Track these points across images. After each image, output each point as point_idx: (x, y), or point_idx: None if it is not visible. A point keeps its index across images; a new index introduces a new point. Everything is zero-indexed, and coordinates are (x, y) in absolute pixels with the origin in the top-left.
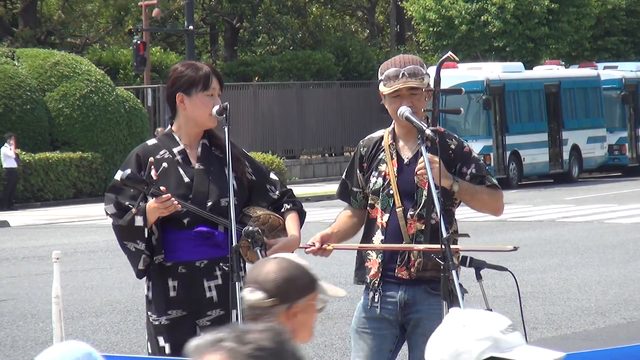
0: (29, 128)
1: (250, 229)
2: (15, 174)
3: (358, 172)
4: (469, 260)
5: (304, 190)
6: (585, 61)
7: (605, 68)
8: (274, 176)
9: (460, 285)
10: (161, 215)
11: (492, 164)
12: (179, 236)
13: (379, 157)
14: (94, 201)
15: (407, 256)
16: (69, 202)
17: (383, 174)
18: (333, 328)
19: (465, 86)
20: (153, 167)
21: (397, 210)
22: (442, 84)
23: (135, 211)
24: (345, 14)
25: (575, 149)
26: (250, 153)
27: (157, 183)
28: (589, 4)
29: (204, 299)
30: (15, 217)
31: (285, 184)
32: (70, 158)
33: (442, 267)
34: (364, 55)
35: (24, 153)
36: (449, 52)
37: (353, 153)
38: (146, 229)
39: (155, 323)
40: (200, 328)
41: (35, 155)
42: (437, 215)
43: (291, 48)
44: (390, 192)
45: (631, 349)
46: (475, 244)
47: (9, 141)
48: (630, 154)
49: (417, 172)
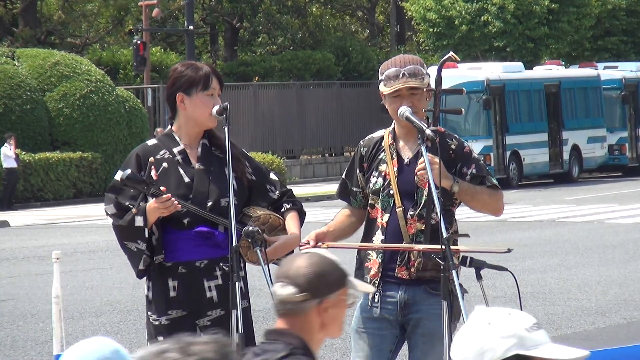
0: (29, 128)
1: (251, 229)
2: (15, 174)
3: (358, 172)
4: (469, 260)
5: (304, 190)
6: (586, 61)
7: (605, 68)
8: (273, 176)
9: (461, 285)
10: (161, 215)
11: (492, 164)
12: (179, 236)
13: (379, 157)
14: (94, 201)
15: (407, 256)
16: (69, 202)
17: (383, 174)
18: None
19: (465, 86)
20: (153, 167)
21: (397, 210)
22: (443, 84)
23: (135, 211)
24: (345, 14)
25: (575, 149)
26: (250, 153)
27: (157, 183)
28: (589, 4)
29: (204, 299)
30: (15, 217)
31: (285, 184)
32: (70, 158)
33: (442, 267)
34: (364, 55)
35: (24, 153)
36: (450, 53)
37: (353, 153)
38: (146, 229)
39: (156, 323)
40: (201, 328)
41: (35, 155)
42: (437, 215)
43: (291, 48)
44: (391, 192)
45: (631, 349)
46: (468, 245)
47: (9, 141)
48: (631, 154)
49: (417, 173)
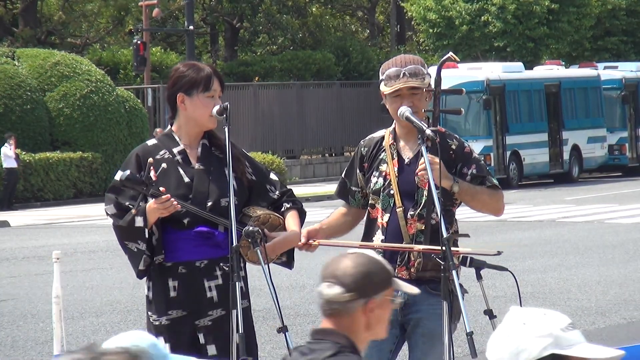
0: (29, 128)
1: (251, 229)
2: (15, 174)
3: (358, 172)
4: (469, 260)
5: (304, 190)
6: (586, 61)
7: (605, 68)
8: (274, 176)
9: (461, 285)
10: (161, 215)
11: (493, 164)
12: (179, 236)
13: (380, 157)
14: (94, 201)
15: (407, 256)
16: (69, 202)
17: (384, 174)
18: None
19: (465, 86)
20: (152, 168)
21: (398, 210)
22: (442, 84)
23: (134, 212)
24: (346, 14)
25: (575, 149)
26: (250, 153)
27: (157, 183)
28: (589, 4)
29: (205, 299)
30: (15, 217)
31: (286, 184)
32: (70, 158)
33: (442, 267)
34: (364, 55)
35: (24, 153)
36: (450, 53)
37: (354, 152)
38: (146, 229)
39: (156, 323)
40: (201, 328)
41: (35, 155)
42: (438, 215)
43: (291, 48)
44: (391, 192)
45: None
46: (459, 247)
47: (9, 141)
48: (631, 154)
49: (418, 173)
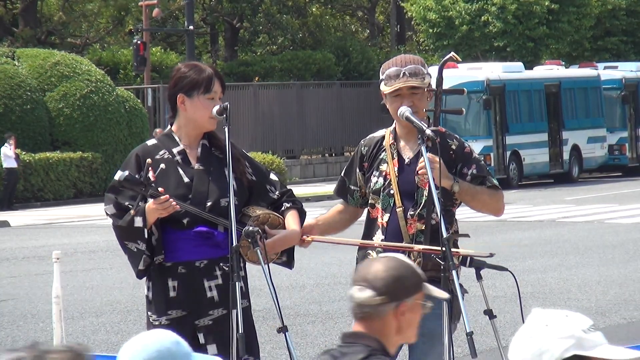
0: (29, 128)
1: (251, 229)
2: (15, 174)
3: (358, 171)
4: (469, 260)
5: (304, 190)
6: (586, 61)
7: (605, 68)
8: (274, 177)
9: (461, 285)
10: (160, 216)
11: (493, 164)
12: (179, 236)
13: (380, 157)
14: (94, 201)
15: (407, 256)
16: (69, 202)
17: (384, 173)
18: (333, 328)
19: (465, 86)
20: (151, 169)
21: (398, 210)
22: (443, 84)
23: (133, 213)
24: (346, 14)
25: (575, 149)
26: (250, 153)
27: (157, 184)
28: (589, 4)
29: (205, 298)
30: (16, 217)
31: (285, 184)
32: (70, 158)
33: (442, 267)
34: (364, 55)
35: (24, 153)
36: (452, 53)
37: (354, 152)
38: (146, 229)
39: (156, 323)
40: (201, 328)
41: (35, 155)
42: (438, 215)
43: (291, 48)
44: (391, 192)
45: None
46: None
47: (9, 141)
48: (631, 154)
49: (418, 172)
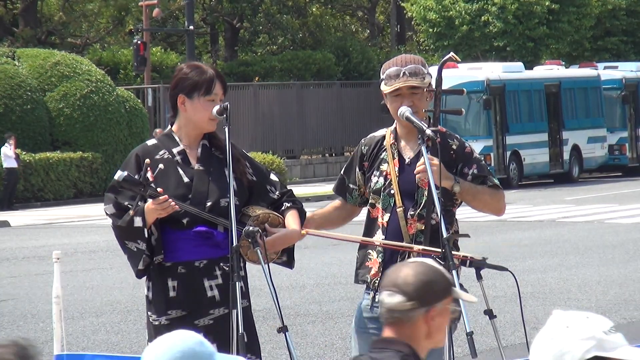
0: (29, 128)
1: (251, 229)
2: (15, 174)
3: (357, 170)
4: (469, 260)
5: (304, 190)
6: (586, 61)
7: (605, 68)
8: (274, 177)
9: (461, 285)
10: (159, 216)
11: (493, 164)
12: (179, 236)
13: (381, 157)
14: (94, 201)
15: (407, 256)
16: (69, 202)
17: (384, 173)
18: (333, 328)
19: (465, 86)
20: (149, 169)
21: (398, 210)
22: (443, 84)
23: (132, 213)
24: (346, 14)
25: (575, 149)
26: (250, 153)
27: (156, 184)
28: (589, 4)
29: (205, 298)
30: (16, 217)
31: (286, 184)
32: (70, 158)
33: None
34: (364, 55)
35: (24, 153)
36: (451, 53)
37: (354, 151)
38: (145, 229)
39: (156, 323)
40: (201, 328)
41: (35, 155)
42: (438, 215)
43: (291, 48)
44: (391, 192)
45: None
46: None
47: (9, 141)
48: (631, 154)
49: (416, 173)
